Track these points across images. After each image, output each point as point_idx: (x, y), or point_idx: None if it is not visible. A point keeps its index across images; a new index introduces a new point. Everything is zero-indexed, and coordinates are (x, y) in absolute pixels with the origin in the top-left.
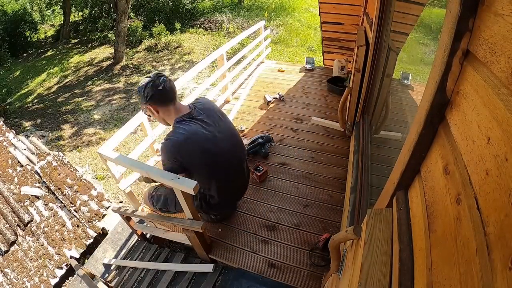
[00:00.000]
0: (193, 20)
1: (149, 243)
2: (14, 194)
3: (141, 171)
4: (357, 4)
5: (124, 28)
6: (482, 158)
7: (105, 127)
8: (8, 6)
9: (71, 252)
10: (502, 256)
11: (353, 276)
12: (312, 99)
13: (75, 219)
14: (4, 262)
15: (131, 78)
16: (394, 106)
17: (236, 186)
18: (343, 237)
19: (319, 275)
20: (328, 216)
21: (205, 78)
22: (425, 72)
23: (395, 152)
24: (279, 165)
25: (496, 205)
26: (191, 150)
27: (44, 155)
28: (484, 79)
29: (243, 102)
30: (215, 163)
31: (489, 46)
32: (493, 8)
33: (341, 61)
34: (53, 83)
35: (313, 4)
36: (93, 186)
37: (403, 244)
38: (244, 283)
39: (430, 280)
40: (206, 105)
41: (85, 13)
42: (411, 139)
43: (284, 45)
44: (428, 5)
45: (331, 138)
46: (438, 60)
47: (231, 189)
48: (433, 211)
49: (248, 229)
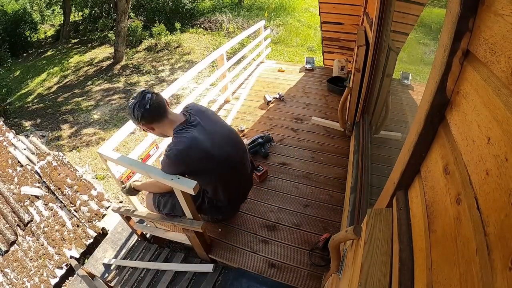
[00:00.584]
0: (193, 20)
1: (149, 243)
2: (14, 194)
3: (140, 171)
4: (357, 4)
5: (124, 28)
6: (482, 158)
7: (104, 127)
8: (8, 6)
9: (71, 252)
10: (502, 256)
11: (353, 276)
12: (312, 99)
13: (75, 219)
14: (4, 262)
15: (131, 78)
16: (394, 106)
17: (242, 185)
18: (343, 237)
19: (319, 275)
20: (328, 216)
21: (205, 78)
22: (425, 72)
23: (395, 152)
24: (279, 165)
25: (496, 205)
26: (196, 157)
27: (44, 155)
28: (484, 79)
29: (243, 102)
30: (220, 165)
31: (489, 46)
32: (493, 8)
33: (341, 61)
34: (53, 83)
35: (313, 4)
36: (93, 186)
37: (403, 244)
38: (244, 283)
39: (430, 280)
40: (197, 109)
41: (85, 13)
42: (411, 139)
43: (284, 45)
44: (428, 5)
45: (331, 138)
46: (438, 60)
47: (238, 189)
48: (433, 211)
49: (248, 229)
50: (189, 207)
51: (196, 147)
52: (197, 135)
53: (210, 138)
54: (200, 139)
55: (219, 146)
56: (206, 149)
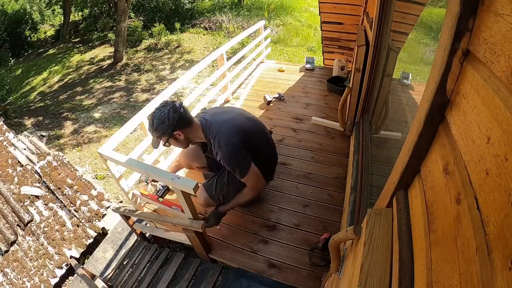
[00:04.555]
0: (193, 19)
1: (149, 243)
2: (14, 194)
3: (141, 171)
4: (357, 4)
5: (124, 28)
6: (482, 158)
7: (105, 125)
8: (8, 6)
9: (71, 252)
10: (502, 256)
11: (353, 276)
12: (312, 98)
13: (75, 219)
14: (4, 262)
15: (131, 77)
16: (394, 106)
17: (273, 148)
18: (343, 237)
19: (319, 275)
20: (328, 216)
21: (205, 77)
22: (425, 71)
23: (395, 151)
24: (279, 165)
25: (496, 205)
26: (245, 140)
27: (44, 155)
28: (484, 78)
29: (243, 102)
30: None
31: (489, 45)
32: (493, 8)
33: (341, 60)
34: (53, 82)
35: (313, 3)
36: (93, 186)
37: (403, 244)
38: (244, 283)
39: (430, 280)
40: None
41: (85, 13)
42: (411, 138)
43: (284, 45)
44: (428, 5)
45: (331, 138)
46: (438, 60)
47: (273, 152)
48: (433, 211)
49: (248, 229)
50: (189, 207)
51: (239, 130)
52: (233, 124)
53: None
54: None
55: (246, 124)
56: (246, 129)
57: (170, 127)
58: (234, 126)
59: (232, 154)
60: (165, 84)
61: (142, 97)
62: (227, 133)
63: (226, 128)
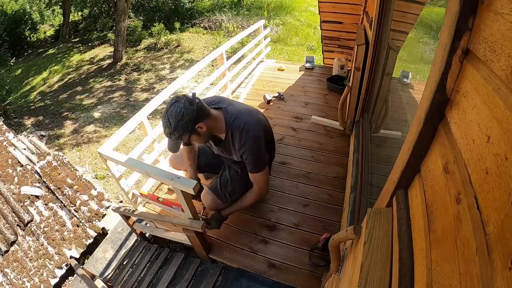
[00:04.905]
0: (192, 19)
1: (149, 243)
2: (14, 194)
3: (141, 171)
4: (357, 3)
5: (124, 28)
6: (482, 157)
7: (105, 125)
8: (8, 6)
9: (71, 252)
10: (502, 256)
11: (353, 276)
12: (312, 98)
13: (75, 219)
14: (4, 262)
15: (131, 77)
16: (394, 105)
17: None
18: (343, 237)
19: (319, 275)
20: (328, 215)
21: (205, 77)
22: (425, 70)
23: (395, 151)
24: (279, 164)
25: (496, 204)
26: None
27: (44, 155)
28: (484, 77)
29: (243, 101)
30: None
31: (488, 44)
32: (493, 7)
33: (341, 60)
34: (53, 82)
35: (313, 3)
36: (93, 185)
37: (403, 244)
38: (244, 283)
39: (430, 280)
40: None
41: (85, 13)
42: (411, 138)
43: (283, 44)
44: (428, 4)
45: (331, 137)
46: (437, 58)
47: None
48: (433, 210)
49: (248, 229)
50: (189, 207)
51: (261, 125)
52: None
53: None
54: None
55: (262, 118)
56: (263, 124)
57: (191, 120)
58: (258, 119)
59: (259, 147)
60: (164, 83)
61: (142, 96)
62: (254, 124)
63: (252, 119)
